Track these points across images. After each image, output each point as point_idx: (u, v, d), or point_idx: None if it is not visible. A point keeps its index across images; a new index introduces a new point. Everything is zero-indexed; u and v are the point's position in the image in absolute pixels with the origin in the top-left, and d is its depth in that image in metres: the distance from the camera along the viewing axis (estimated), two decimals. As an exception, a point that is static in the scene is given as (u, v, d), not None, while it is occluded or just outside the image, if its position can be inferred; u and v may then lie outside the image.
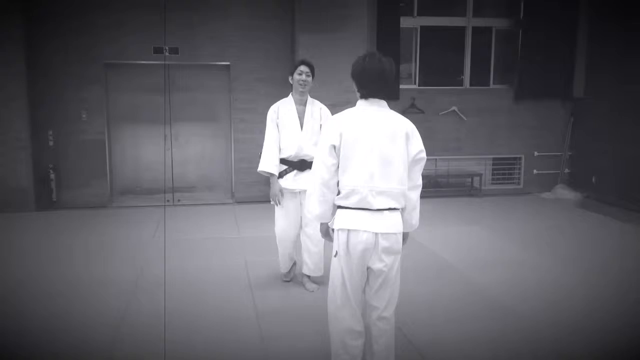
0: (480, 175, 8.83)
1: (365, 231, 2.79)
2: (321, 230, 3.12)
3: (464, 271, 5.13)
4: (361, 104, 2.93)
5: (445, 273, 5.11)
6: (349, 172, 2.82)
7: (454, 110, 8.76)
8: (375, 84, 2.87)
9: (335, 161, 2.86)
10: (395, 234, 2.85)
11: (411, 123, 2.96)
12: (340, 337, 2.96)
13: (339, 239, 2.87)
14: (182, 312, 4.16)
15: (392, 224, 2.84)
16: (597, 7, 8.57)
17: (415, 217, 3.02)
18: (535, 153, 9.05)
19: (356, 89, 2.96)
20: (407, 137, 2.87)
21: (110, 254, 5.68)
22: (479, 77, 9.00)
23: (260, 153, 4.63)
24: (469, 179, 8.97)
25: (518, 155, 9.09)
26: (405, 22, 8.50)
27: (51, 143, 7.77)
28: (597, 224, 7.09)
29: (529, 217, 7.47)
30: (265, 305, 4.32)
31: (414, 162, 2.93)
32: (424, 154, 2.96)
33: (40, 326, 3.92)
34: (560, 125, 9.04)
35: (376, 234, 2.80)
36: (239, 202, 8.24)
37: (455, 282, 4.86)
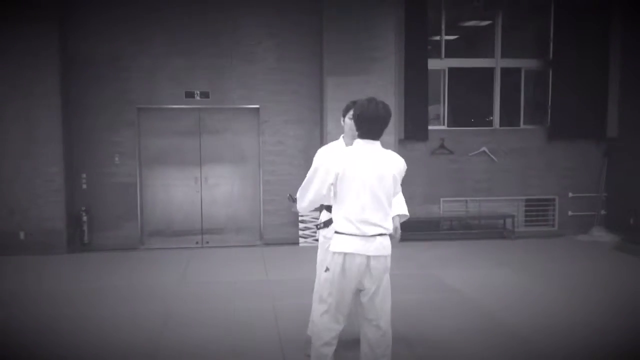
0: (512, 216, 8.63)
1: (360, 254, 3.17)
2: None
3: (493, 313, 4.95)
4: (358, 142, 3.30)
5: (473, 314, 4.95)
6: (345, 205, 3.21)
7: (484, 151, 8.66)
8: (372, 126, 3.25)
9: (328, 193, 3.30)
10: (385, 256, 3.24)
11: (402, 161, 3.35)
12: (318, 350, 3.35)
13: (334, 260, 3.22)
14: (208, 354, 4.11)
15: (383, 247, 3.23)
16: (628, 45, 8.49)
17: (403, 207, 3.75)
18: (570, 194, 8.84)
19: (356, 128, 3.35)
20: (394, 179, 3.28)
21: (139, 296, 5.68)
22: (509, 118, 8.92)
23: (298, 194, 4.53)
24: (501, 221, 8.78)
25: (552, 197, 8.89)
26: (433, 64, 8.54)
27: (84, 186, 7.92)
28: (635, 267, 6.81)
29: (563, 260, 7.23)
30: (293, 353, 4.22)
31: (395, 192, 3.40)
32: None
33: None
34: (595, 165, 8.85)
35: (369, 256, 3.18)
36: (267, 244, 8.20)
37: (484, 324, 4.70)
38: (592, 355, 4.11)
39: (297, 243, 8.10)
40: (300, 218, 8.04)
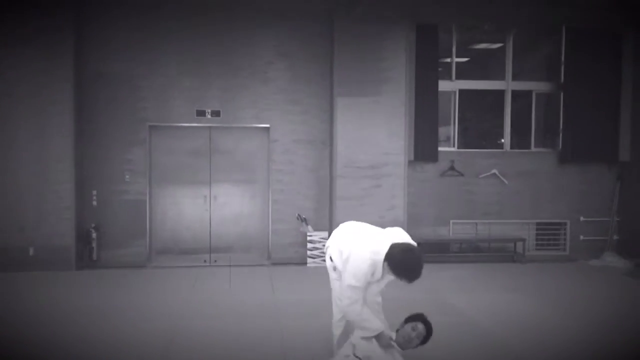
0: (523, 240, 8.54)
1: None
2: (383, 344, 3.77)
3: (501, 339, 4.87)
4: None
5: (480, 340, 4.87)
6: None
7: (494, 173, 8.61)
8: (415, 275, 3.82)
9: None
10: None
11: None
12: None
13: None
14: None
15: None
16: (640, 68, 8.47)
17: None
18: (582, 218, 8.74)
19: (396, 277, 3.84)
20: None
21: (146, 315, 5.64)
22: (520, 140, 8.88)
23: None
24: (512, 244, 8.68)
25: (563, 221, 8.80)
26: (444, 86, 8.55)
27: (95, 203, 7.95)
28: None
29: (574, 285, 7.12)
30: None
31: None
32: None
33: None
34: (607, 189, 8.76)
35: None
36: (275, 264, 8.16)
37: (490, 349, 4.63)
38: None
39: (305, 263, 8.06)
40: (308, 238, 8.01)
